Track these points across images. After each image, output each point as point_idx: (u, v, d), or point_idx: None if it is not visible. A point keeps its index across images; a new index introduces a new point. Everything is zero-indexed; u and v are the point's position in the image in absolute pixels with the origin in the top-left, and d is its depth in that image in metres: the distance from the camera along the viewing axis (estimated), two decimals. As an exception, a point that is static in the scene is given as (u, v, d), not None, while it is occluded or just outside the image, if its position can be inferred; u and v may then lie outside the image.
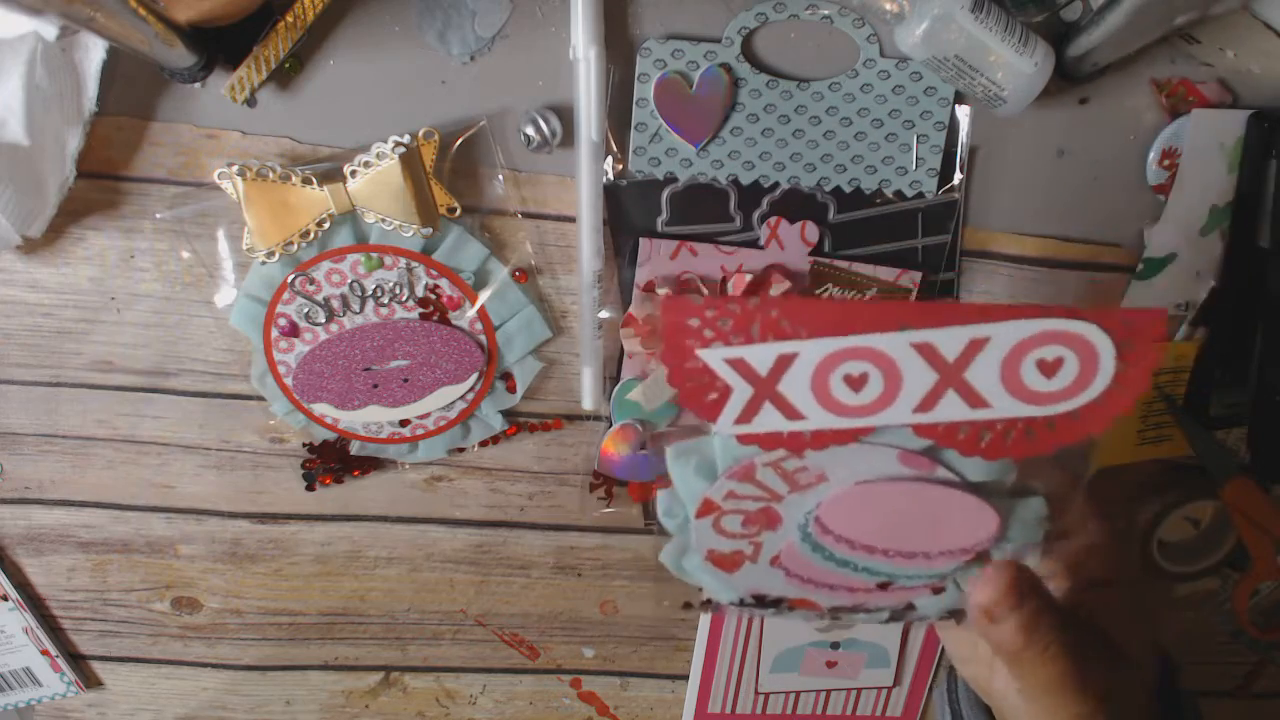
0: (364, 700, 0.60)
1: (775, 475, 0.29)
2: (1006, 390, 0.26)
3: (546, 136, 0.42)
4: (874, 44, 0.42)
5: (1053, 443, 0.27)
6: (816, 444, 0.27)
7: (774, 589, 0.33)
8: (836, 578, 0.32)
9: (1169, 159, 0.45)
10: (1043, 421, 0.26)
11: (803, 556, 0.31)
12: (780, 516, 0.30)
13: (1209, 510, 0.55)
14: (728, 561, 0.32)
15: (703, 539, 0.31)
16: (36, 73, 0.37)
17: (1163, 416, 0.51)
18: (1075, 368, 0.25)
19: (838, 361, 0.25)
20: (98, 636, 0.57)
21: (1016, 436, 0.27)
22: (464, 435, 0.49)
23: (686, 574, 0.34)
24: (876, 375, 0.25)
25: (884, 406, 0.26)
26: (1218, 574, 0.57)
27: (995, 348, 0.25)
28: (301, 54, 0.41)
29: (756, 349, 0.25)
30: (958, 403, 0.26)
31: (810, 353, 0.25)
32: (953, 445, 0.27)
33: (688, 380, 0.26)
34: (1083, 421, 0.26)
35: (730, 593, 0.34)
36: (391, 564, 0.55)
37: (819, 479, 0.29)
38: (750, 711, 0.61)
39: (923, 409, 0.26)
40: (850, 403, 0.26)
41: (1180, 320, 0.50)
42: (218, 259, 0.44)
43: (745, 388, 0.26)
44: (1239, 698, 0.64)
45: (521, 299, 0.46)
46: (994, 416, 0.26)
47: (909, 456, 0.28)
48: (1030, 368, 0.25)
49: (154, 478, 0.51)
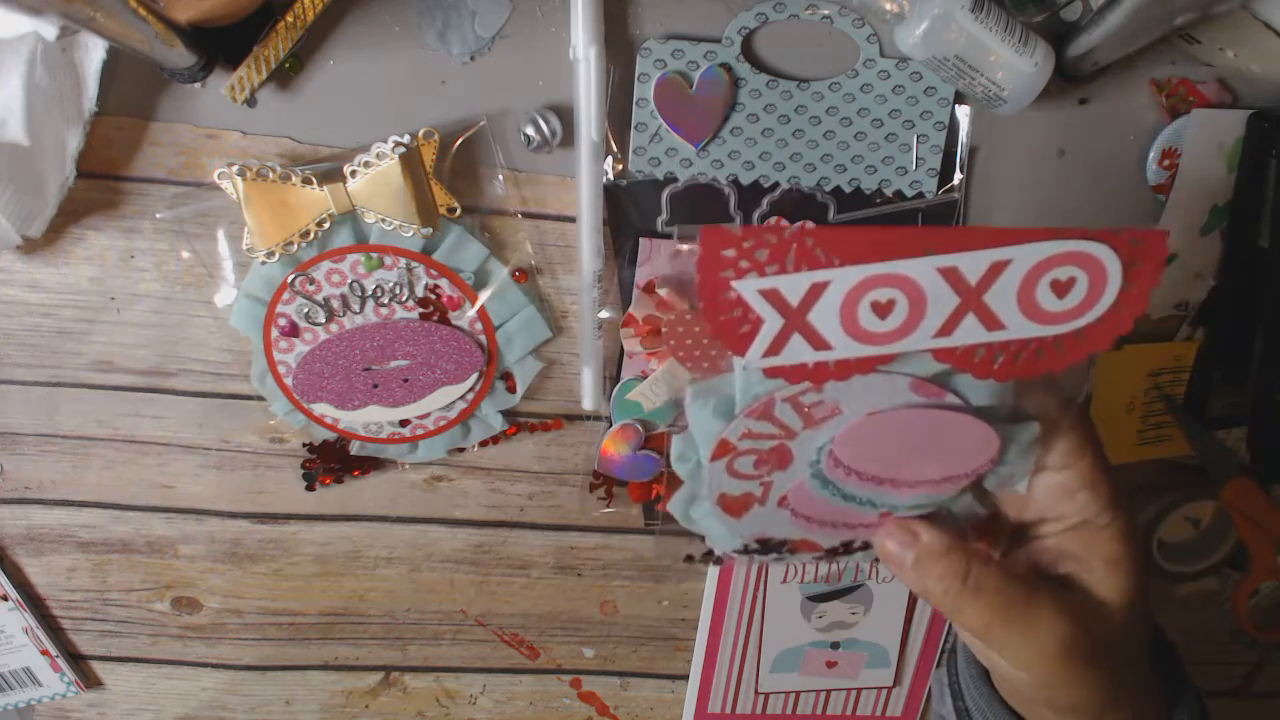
0: (364, 700, 0.60)
1: (792, 411, 0.29)
2: (1021, 311, 0.27)
3: (546, 136, 0.42)
4: (874, 44, 0.42)
5: (1060, 362, 0.28)
6: (840, 374, 0.28)
7: (779, 531, 0.34)
8: (841, 513, 0.33)
9: (1169, 159, 0.45)
10: (1051, 341, 0.27)
11: (811, 494, 0.32)
12: (792, 455, 0.31)
13: (1209, 510, 0.55)
14: (736, 505, 0.33)
15: (715, 483, 0.32)
16: (36, 73, 0.37)
17: (1163, 416, 0.52)
18: (1085, 288, 0.26)
19: (867, 289, 0.26)
20: (98, 636, 0.57)
21: (1027, 357, 0.28)
22: (464, 435, 0.49)
23: (694, 523, 0.34)
24: (903, 301, 0.26)
25: (907, 333, 0.27)
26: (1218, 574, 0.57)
27: (1015, 269, 0.26)
28: (301, 54, 0.41)
29: (790, 279, 0.26)
30: (976, 325, 0.27)
31: (842, 281, 0.26)
32: (969, 369, 0.28)
33: (721, 313, 0.26)
34: (1087, 340, 0.27)
35: (734, 539, 0.34)
36: (391, 564, 0.55)
37: (833, 413, 0.29)
38: (750, 711, 0.61)
39: (943, 333, 0.27)
40: (876, 330, 0.27)
41: (1180, 320, 0.50)
42: (218, 259, 0.44)
43: (776, 319, 0.26)
44: (1239, 698, 0.64)
45: (521, 299, 0.46)
46: (1008, 338, 0.27)
47: (920, 384, 0.29)
48: (1045, 288, 0.26)
49: (154, 478, 0.51)
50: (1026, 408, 0.31)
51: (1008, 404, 0.30)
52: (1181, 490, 0.54)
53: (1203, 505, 0.55)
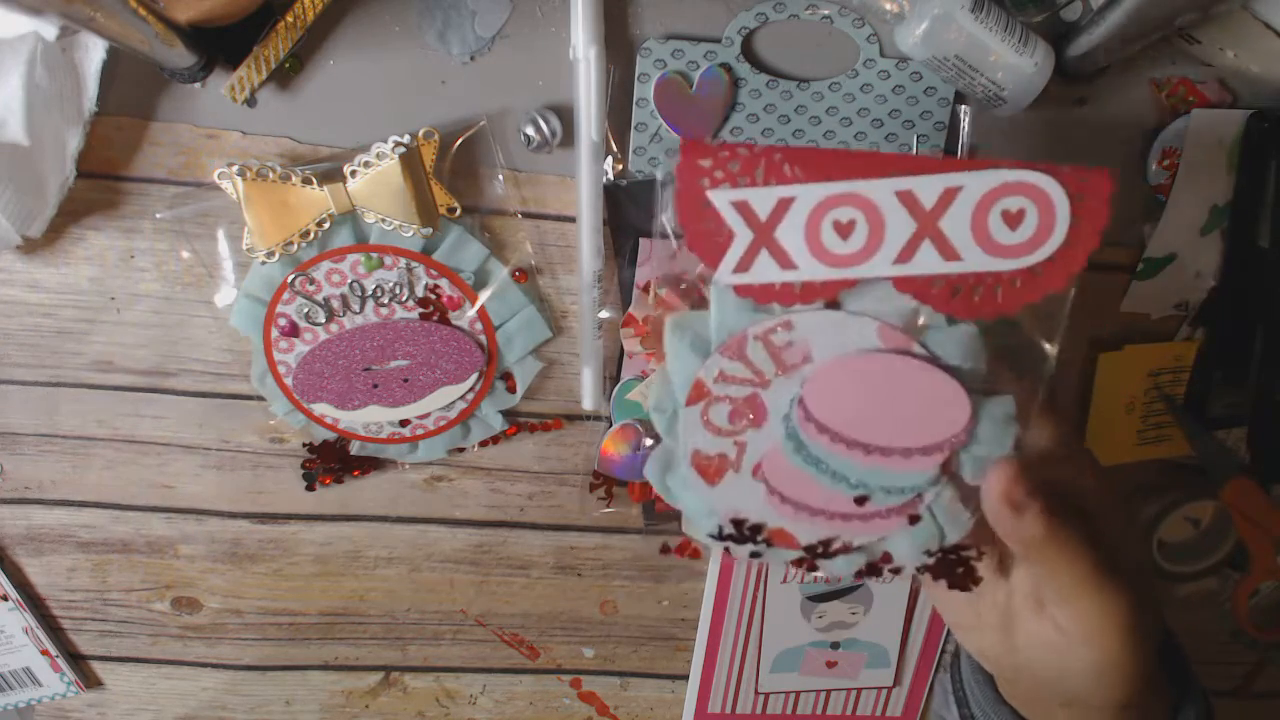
0: (364, 700, 0.60)
1: (764, 352, 0.31)
2: (976, 242, 0.28)
3: (546, 136, 0.42)
4: (874, 44, 0.42)
5: (1018, 300, 0.29)
6: (806, 296, 0.29)
7: (754, 509, 0.34)
8: (814, 493, 0.33)
9: (1169, 159, 0.45)
10: (1008, 278, 0.28)
11: (784, 461, 0.32)
12: (765, 409, 0.32)
13: (1209, 510, 0.55)
14: (711, 468, 0.33)
15: (690, 435, 0.32)
16: (36, 73, 0.37)
17: (1163, 416, 0.52)
18: (1035, 219, 0.28)
19: (830, 206, 0.28)
20: (98, 636, 0.57)
21: (985, 293, 0.29)
22: (464, 435, 0.49)
23: (670, 494, 0.35)
24: (862, 222, 0.28)
25: (868, 256, 0.28)
26: (1218, 574, 0.57)
27: (967, 196, 0.27)
28: (301, 54, 0.41)
29: (759, 191, 0.28)
30: (933, 254, 0.28)
31: (806, 196, 0.28)
32: (928, 300, 0.29)
33: (696, 222, 0.28)
34: (1043, 278, 0.28)
35: (710, 517, 0.34)
36: (391, 564, 0.55)
37: (804, 359, 0.31)
38: (750, 711, 0.61)
39: (902, 259, 0.28)
40: (838, 251, 0.28)
41: (1180, 320, 0.50)
42: (218, 259, 0.44)
43: (746, 232, 0.28)
44: (1239, 698, 0.64)
45: (521, 299, 0.46)
46: (965, 270, 0.28)
47: (887, 330, 0.30)
48: (997, 219, 0.28)
49: (154, 478, 0.51)
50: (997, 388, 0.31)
51: (980, 369, 0.30)
52: (1181, 490, 0.54)
53: (1203, 505, 0.55)
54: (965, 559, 0.34)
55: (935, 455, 0.32)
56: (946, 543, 0.34)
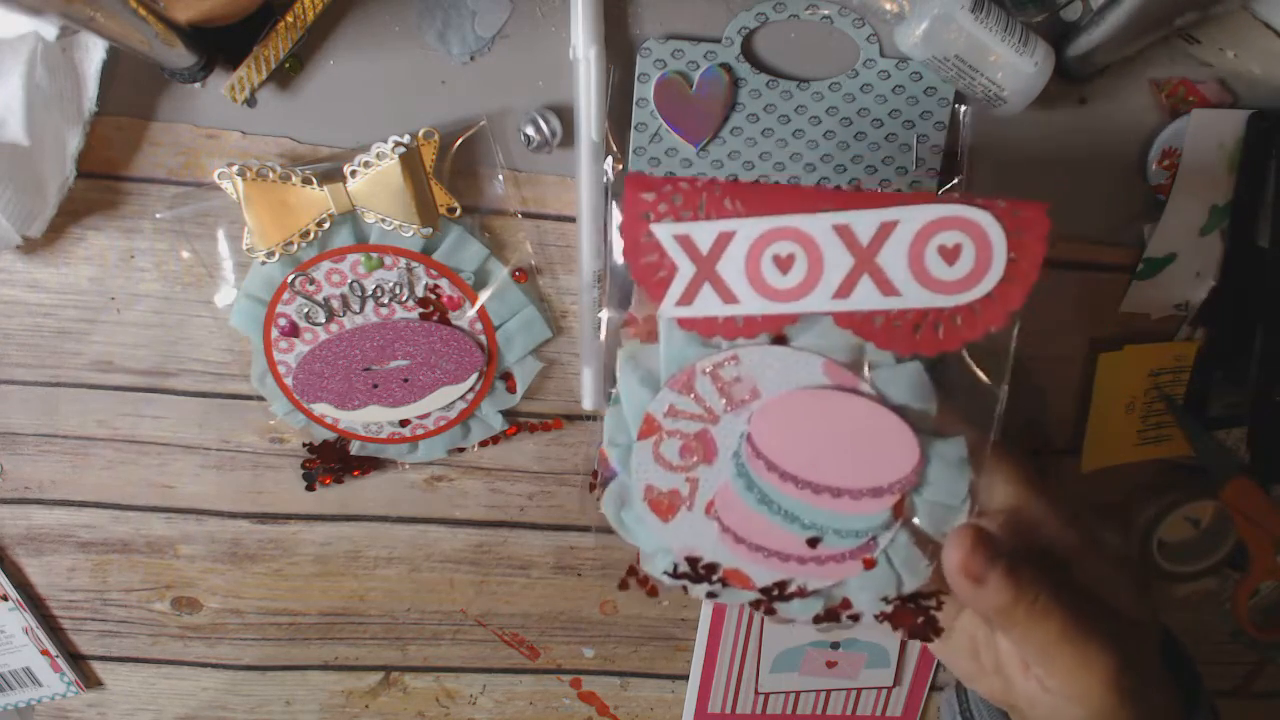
0: (364, 700, 0.60)
1: (712, 388, 0.31)
2: (914, 277, 0.28)
3: (546, 136, 0.42)
4: (874, 44, 0.42)
5: (959, 338, 0.28)
6: (748, 330, 0.29)
7: (708, 550, 0.34)
8: (766, 533, 0.33)
9: (1169, 159, 0.45)
10: (948, 314, 0.28)
11: (736, 498, 0.32)
12: (716, 446, 0.32)
13: (1209, 510, 0.55)
14: (664, 505, 0.33)
15: (643, 470, 0.32)
16: (36, 73, 0.37)
17: (1163, 416, 0.51)
18: (972, 255, 0.27)
19: (769, 241, 0.28)
20: (98, 636, 0.57)
21: (926, 330, 0.29)
22: (464, 435, 0.49)
23: (625, 528, 0.34)
24: (801, 257, 0.28)
25: (807, 291, 0.28)
26: (1218, 574, 0.57)
27: (903, 230, 0.27)
28: (301, 54, 0.41)
29: (701, 225, 0.28)
30: (872, 290, 0.28)
31: (746, 230, 0.28)
32: (869, 336, 0.29)
33: (640, 254, 0.29)
34: (982, 316, 0.28)
35: (664, 555, 0.34)
36: (391, 564, 0.55)
37: (752, 395, 0.31)
38: (750, 711, 0.61)
39: (841, 294, 0.28)
40: (778, 285, 0.28)
41: (1180, 320, 0.50)
42: (218, 259, 0.44)
43: (689, 266, 0.29)
44: (1239, 698, 0.64)
45: (521, 299, 0.46)
46: (904, 305, 0.28)
47: (833, 367, 0.30)
48: (933, 254, 0.28)
49: (154, 478, 0.51)
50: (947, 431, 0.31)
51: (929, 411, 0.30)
52: (1181, 490, 0.54)
53: (1203, 505, 0.55)
54: (925, 608, 0.33)
55: (885, 497, 0.31)
56: (905, 590, 0.33)
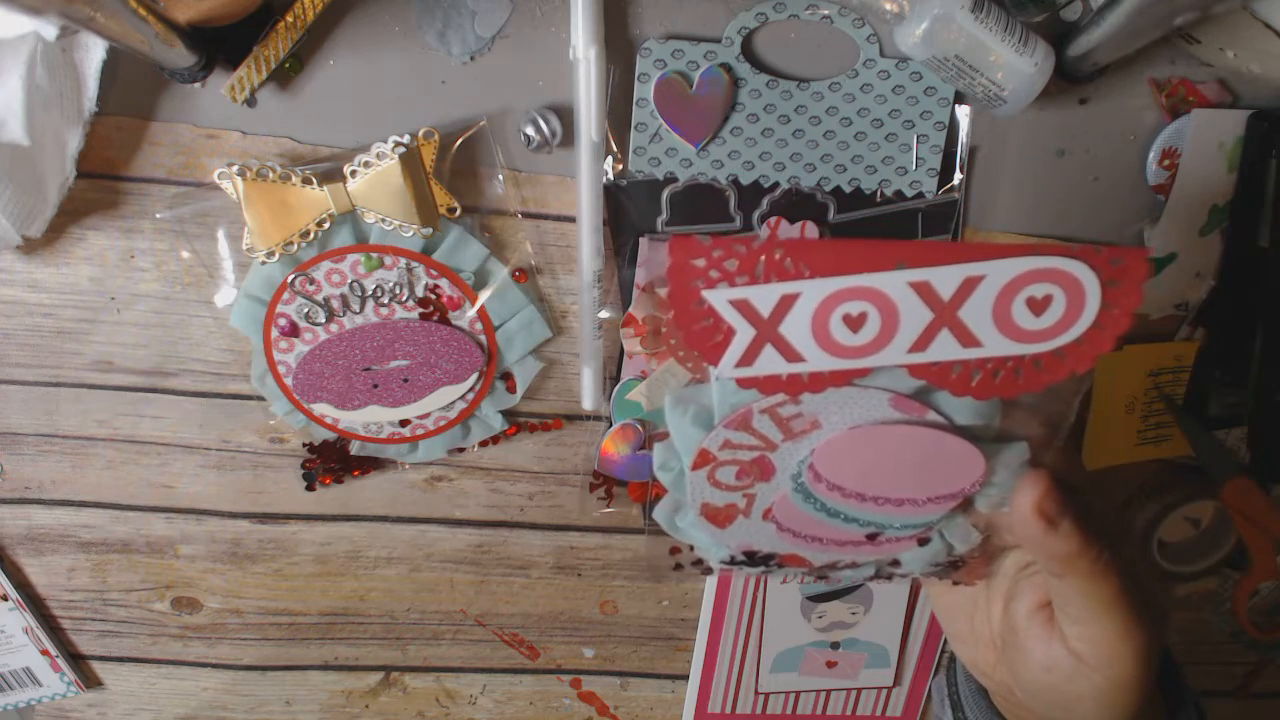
0: (364, 700, 0.60)
1: (771, 423, 0.29)
2: (997, 328, 0.26)
3: (546, 136, 0.42)
4: (874, 44, 0.42)
5: (1039, 381, 0.27)
6: (814, 386, 0.28)
7: (765, 544, 0.33)
8: (826, 529, 0.32)
9: (1169, 159, 0.45)
10: (1030, 360, 0.27)
11: (795, 508, 0.32)
12: (774, 467, 0.31)
13: (1209, 510, 0.55)
14: (721, 516, 0.32)
15: (697, 492, 0.31)
16: (36, 73, 0.37)
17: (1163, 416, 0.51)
18: (1063, 306, 0.26)
19: (838, 301, 0.26)
20: (98, 636, 0.57)
21: (1005, 376, 0.27)
22: (464, 435, 0.49)
23: (680, 532, 0.34)
24: (874, 315, 0.26)
25: (880, 347, 0.27)
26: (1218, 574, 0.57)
27: (989, 285, 0.25)
28: (301, 54, 0.41)
29: (760, 289, 0.26)
30: (951, 342, 0.26)
31: (812, 293, 0.26)
32: (945, 385, 0.27)
33: (693, 322, 0.26)
34: (1068, 360, 0.27)
35: (721, 550, 0.34)
36: (391, 564, 0.55)
37: (813, 426, 0.29)
38: (750, 711, 0.61)
39: (917, 348, 0.27)
40: (848, 343, 0.26)
41: (1180, 320, 0.50)
42: (218, 259, 0.44)
43: (748, 329, 0.26)
44: (1239, 698, 0.64)
45: (521, 299, 0.46)
46: (985, 355, 0.27)
47: (901, 400, 0.28)
48: (1021, 305, 0.26)
49: (154, 478, 0.51)
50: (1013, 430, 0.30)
51: (994, 425, 0.29)
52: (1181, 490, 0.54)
53: (1203, 505, 0.55)
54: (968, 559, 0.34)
55: (950, 502, 0.31)
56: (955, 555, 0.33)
